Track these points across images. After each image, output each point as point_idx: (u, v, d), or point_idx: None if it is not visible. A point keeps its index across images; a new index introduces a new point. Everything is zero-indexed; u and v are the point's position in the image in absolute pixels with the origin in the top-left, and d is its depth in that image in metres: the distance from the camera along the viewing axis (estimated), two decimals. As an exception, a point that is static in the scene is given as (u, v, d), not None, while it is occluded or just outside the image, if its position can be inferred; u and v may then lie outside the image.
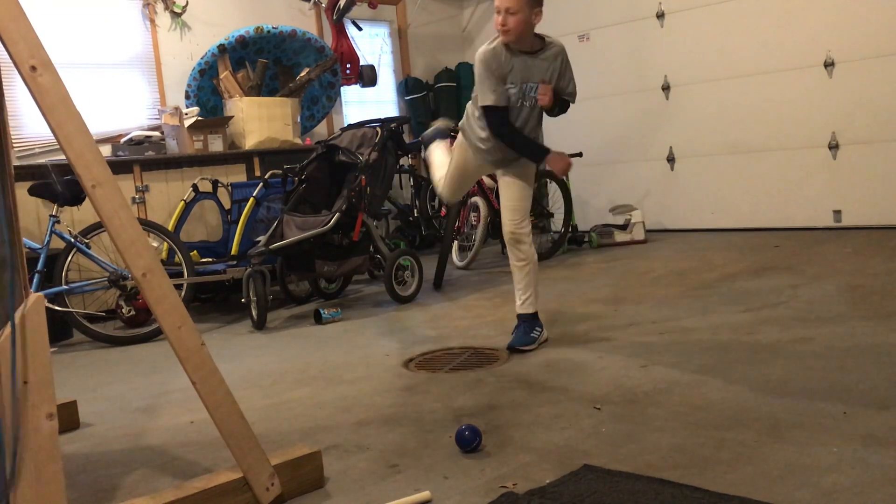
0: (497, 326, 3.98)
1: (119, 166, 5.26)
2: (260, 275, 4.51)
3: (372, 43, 7.61)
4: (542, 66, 3.31)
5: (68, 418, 2.93)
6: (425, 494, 2.03)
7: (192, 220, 5.49)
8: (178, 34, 6.18)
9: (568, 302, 4.45)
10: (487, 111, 3.30)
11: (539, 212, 6.49)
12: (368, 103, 7.59)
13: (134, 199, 5.35)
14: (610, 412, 2.55)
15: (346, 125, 5.57)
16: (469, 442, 2.30)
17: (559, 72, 3.35)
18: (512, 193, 3.44)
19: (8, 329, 1.63)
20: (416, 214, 7.05)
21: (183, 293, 4.63)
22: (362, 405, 2.90)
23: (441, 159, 3.84)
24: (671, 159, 7.10)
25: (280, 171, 5.20)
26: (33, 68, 1.75)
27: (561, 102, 3.42)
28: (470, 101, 3.48)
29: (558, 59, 3.34)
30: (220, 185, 5.46)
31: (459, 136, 3.58)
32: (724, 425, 2.33)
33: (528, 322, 3.49)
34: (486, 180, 5.91)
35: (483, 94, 3.28)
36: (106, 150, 5.41)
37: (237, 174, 5.87)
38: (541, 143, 3.45)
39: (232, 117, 5.94)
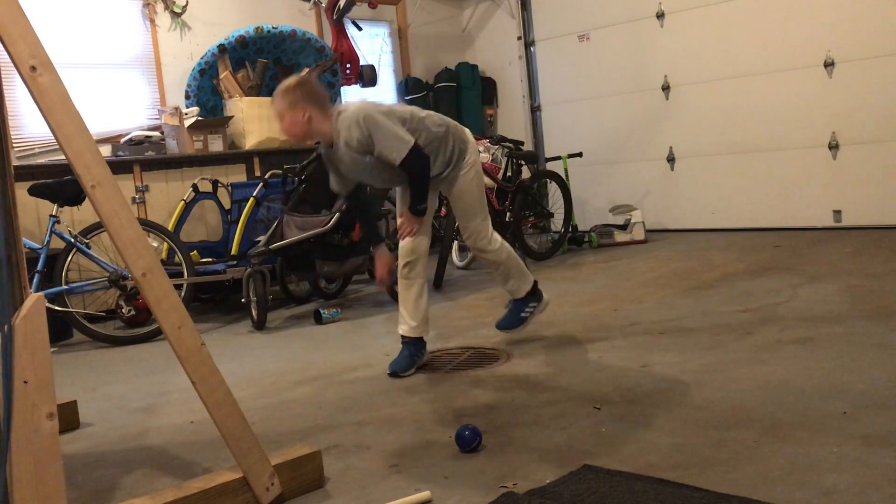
0: (497, 326, 3.99)
1: (119, 166, 5.26)
2: (260, 275, 4.51)
3: (372, 43, 7.61)
4: (345, 152, 3.12)
5: (68, 418, 2.93)
6: (425, 494, 2.03)
7: (192, 220, 5.48)
8: (178, 34, 6.18)
9: (568, 302, 4.45)
10: (414, 151, 3.07)
11: (539, 212, 6.50)
12: (368, 103, 7.58)
13: (134, 199, 5.35)
14: (610, 412, 2.55)
15: (346, 125, 5.56)
16: (469, 442, 2.30)
17: (359, 148, 3.08)
18: (457, 211, 3.37)
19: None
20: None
21: (183, 293, 4.63)
22: (362, 405, 2.90)
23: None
24: (671, 159, 7.11)
25: (280, 171, 5.20)
26: (33, 68, 1.75)
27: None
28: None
29: (352, 139, 3.06)
30: (220, 185, 5.46)
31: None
32: (724, 425, 2.33)
33: (519, 302, 3.53)
34: (487, 180, 5.91)
35: (404, 137, 3.06)
36: (106, 150, 5.40)
37: (237, 174, 5.87)
38: (378, 233, 3.47)
39: (232, 117, 5.94)
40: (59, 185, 4.48)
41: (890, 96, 5.85)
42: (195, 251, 5.13)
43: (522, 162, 6.48)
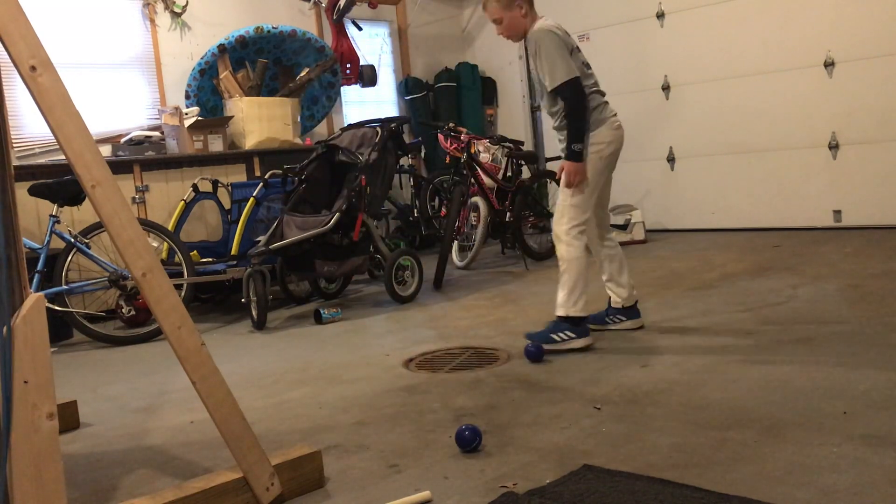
0: (497, 326, 3.99)
1: (119, 166, 5.26)
2: (260, 275, 4.51)
3: (372, 43, 7.61)
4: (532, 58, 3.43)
5: (68, 418, 2.93)
6: (425, 494, 2.03)
7: (192, 220, 5.48)
8: (178, 34, 6.18)
9: (568, 302, 4.45)
10: (571, 83, 3.26)
11: (539, 212, 6.49)
12: (368, 103, 7.59)
13: (134, 199, 5.35)
14: (610, 412, 2.55)
15: (346, 125, 5.57)
16: (469, 442, 2.30)
17: (536, 62, 3.39)
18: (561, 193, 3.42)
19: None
20: (416, 214, 7.05)
21: (183, 293, 4.63)
22: (362, 405, 2.90)
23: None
24: (671, 159, 7.11)
25: (280, 171, 5.20)
26: (33, 68, 1.75)
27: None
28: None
29: (530, 43, 3.41)
30: (220, 185, 5.46)
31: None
32: (724, 425, 2.33)
33: (557, 323, 3.39)
34: (487, 180, 5.92)
35: (564, 68, 3.26)
36: (106, 150, 5.40)
37: (237, 174, 5.87)
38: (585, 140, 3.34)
39: (232, 117, 5.94)
40: (59, 185, 4.48)
41: (890, 96, 5.85)
42: (195, 251, 5.13)
43: (522, 162, 6.48)
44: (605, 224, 3.61)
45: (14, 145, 5.19)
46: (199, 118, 5.71)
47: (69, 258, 4.47)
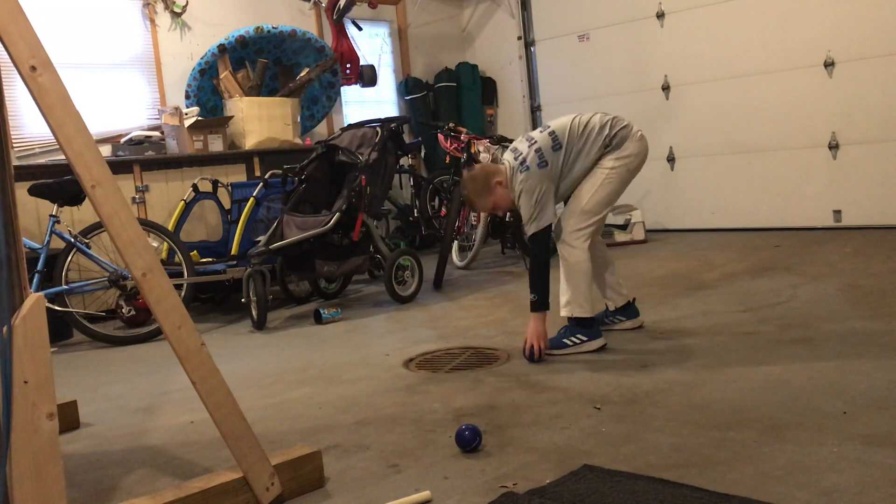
0: (497, 326, 3.99)
1: (119, 166, 5.26)
2: (260, 275, 4.51)
3: (372, 43, 7.61)
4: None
5: (68, 418, 2.93)
6: (425, 494, 2.03)
7: (192, 220, 5.48)
8: (178, 34, 6.18)
9: (568, 302, 4.45)
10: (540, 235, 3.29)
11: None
12: (368, 103, 7.59)
13: (134, 199, 5.35)
14: (610, 412, 2.55)
15: (346, 125, 5.57)
16: (469, 442, 2.30)
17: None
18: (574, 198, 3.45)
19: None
20: (416, 214, 7.05)
21: (183, 293, 4.63)
22: (362, 405, 2.90)
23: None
24: (671, 159, 7.11)
25: (280, 171, 5.20)
26: (33, 68, 1.75)
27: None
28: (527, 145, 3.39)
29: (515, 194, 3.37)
30: (220, 185, 5.46)
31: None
32: (724, 425, 2.33)
33: (569, 326, 3.38)
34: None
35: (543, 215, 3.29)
36: (106, 150, 5.40)
37: (237, 174, 5.87)
38: (545, 294, 3.31)
39: (232, 117, 5.94)
40: (59, 185, 4.48)
41: (890, 96, 5.85)
42: (195, 251, 5.13)
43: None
44: (601, 228, 3.63)
45: (14, 145, 5.19)
46: (199, 118, 5.71)
47: (69, 258, 4.47)
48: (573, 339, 3.34)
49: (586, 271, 3.34)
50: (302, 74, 6.35)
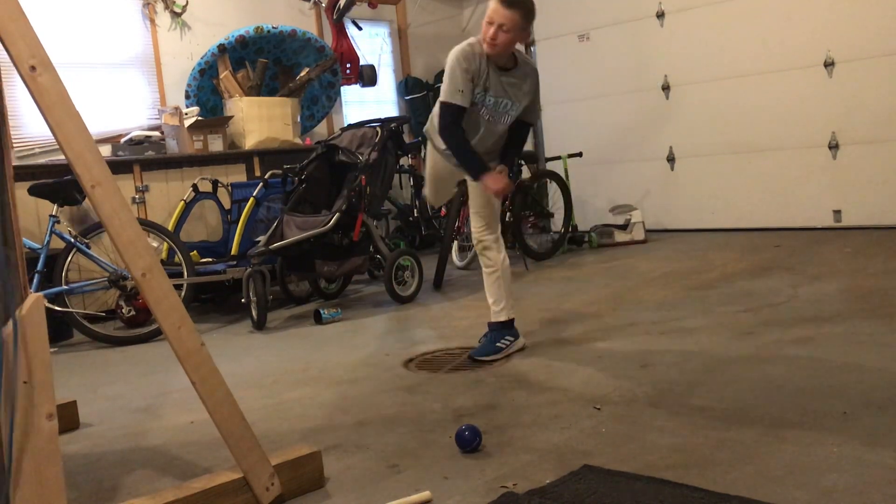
0: (497, 326, 3.98)
1: (119, 166, 5.26)
2: (260, 275, 4.51)
3: (372, 43, 7.60)
4: (514, 83, 3.22)
5: (68, 418, 2.93)
6: (425, 494, 2.03)
7: (192, 220, 5.48)
8: (178, 34, 6.18)
9: (568, 302, 4.45)
10: (445, 107, 3.15)
11: (539, 212, 6.50)
12: (368, 103, 7.58)
13: (134, 199, 5.35)
14: (610, 412, 2.55)
15: (346, 125, 5.57)
16: (469, 442, 2.30)
17: (530, 95, 3.27)
18: (476, 200, 3.36)
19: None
20: (416, 214, 7.05)
21: (183, 293, 4.63)
22: (362, 405, 2.90)
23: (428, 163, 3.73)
24: (671, 159, 7.10)
25: (280, 171, 5.20)
26: (33, 68, 1.75)
27: (515, 133, 3.35)
28: (435, 105, 3.32)
29: (528, 80, 3.25)
30: (220, 185, 5.46)
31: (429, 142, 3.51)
32: (724, 425, 2.33)
33: (498, 331, 3.41)
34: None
35: (450, 92, 3.13)
36: (106, 150, 5.40)
37: (237, 174, 5.87)
38: (482, 161, 3.22)
39: (232, 117, 5.94)
40: (59, 185, 4.48)
41: (890, 96, 5.85)
42: (195, 251, 5.13)
43: (522, 162, 6.48)
44: None
45: (14, 145, 5.18)
46: (199, 118, 5.71)
47: (69, 258, 4.47)
48: (504, 341, 3.39)
49: (509, 273, 3.42)
50: (302, 74, 6.35)
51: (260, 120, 5.95)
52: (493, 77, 3.18)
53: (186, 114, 5.71)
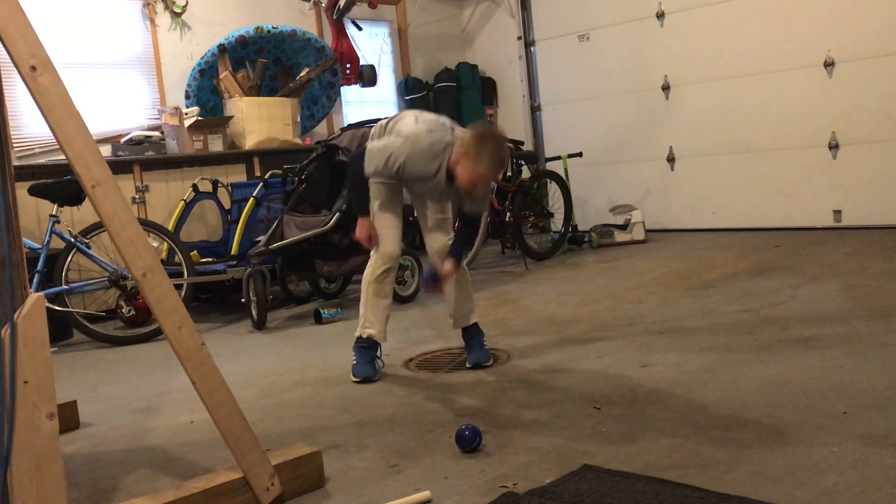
0: (497, 326, 3.98)
1: (119, 166, 5.26)
2: (260, 275, 4.51)
3: (372, 43, 7.60)
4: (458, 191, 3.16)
5: (68, 418, 2.93)
6: (425, 494, 2.03)
7: (192, 220, 5.48)
8: (178, 34, 6.18)
9: (568, 302, 4.45)
10: (362, 157, 3.17)
11: (539, 212, 6.50)
12: (368, 103, 7.58)
13: (134, 199, 5.35)
14: (610, 412, 2.55)
15: (346, 125, 5.57)
16: (469, 442, 2.30)
17: (476, 200, 3.26)
18: (433, 216, 3.49)
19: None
20: (415, 214, 7.04)
21: (183, 293, 4.63)
22: (362, 405, 2.90)
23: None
24: (671, 159, 7.10)
25: (280, 171, 5.20)
26: (33, 68, 1.75)
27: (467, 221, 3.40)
28: (372, 142, 3.26)
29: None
30: (220, 185, 5.46)
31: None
32: (724, 425, 2.33)
33: (476, 335, 3.36)
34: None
35: (374, 160, 3.14)
36: (106, 150, 5.40)
37: (237, 174, 5.86)
38: (366, 205, 3.36)
39: (232, 117, 5.94)
40: (59, 185, 4.47)
41: (890, 96, 5.85)
42: (195, 251, 5.13)
43: (522, 162, 6.48)
44: None
45: (14, 145, 5.19)
46: (199, 118, 5.71)
47: (69, 258, 4.47)
48: (484, 340, 3.40)
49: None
50: (302, 74, 6.35)
51: (260, 120, 5.95)
52: (440, 180, 3.16)
53: (186, 114, 5.71)
